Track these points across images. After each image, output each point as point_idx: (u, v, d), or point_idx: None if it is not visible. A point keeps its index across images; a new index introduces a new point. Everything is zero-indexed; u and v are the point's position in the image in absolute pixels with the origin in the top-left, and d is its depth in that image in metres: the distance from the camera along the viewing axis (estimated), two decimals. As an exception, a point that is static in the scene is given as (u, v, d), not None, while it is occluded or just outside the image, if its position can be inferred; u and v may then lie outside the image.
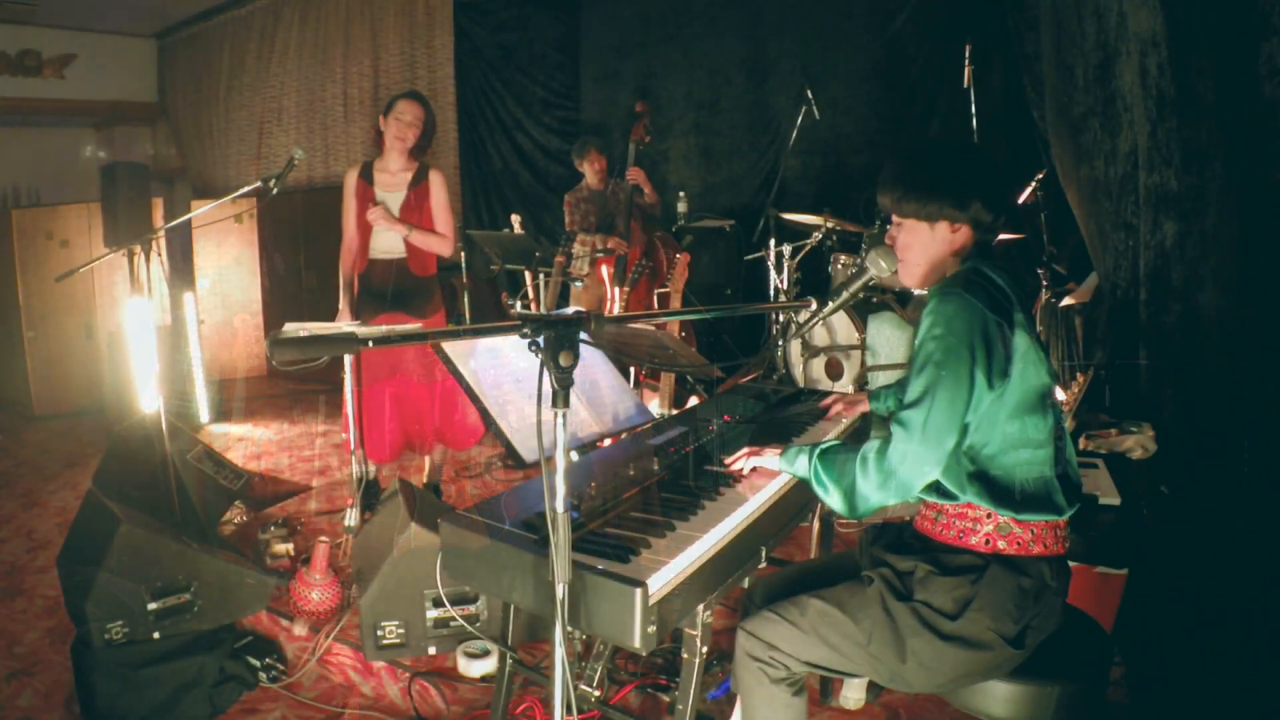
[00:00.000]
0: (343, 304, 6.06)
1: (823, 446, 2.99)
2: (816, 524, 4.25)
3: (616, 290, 8.04)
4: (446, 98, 11.81)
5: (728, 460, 3.28)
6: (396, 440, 6.16)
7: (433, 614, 4.41)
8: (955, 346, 2.61)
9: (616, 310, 7.94)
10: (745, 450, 3.27)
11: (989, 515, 2.73)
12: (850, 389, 7.51)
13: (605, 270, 8.23)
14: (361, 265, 6.11)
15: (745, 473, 3.22)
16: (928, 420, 2.62)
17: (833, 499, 2.87)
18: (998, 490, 2.73)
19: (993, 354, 2.62)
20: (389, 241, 6.00)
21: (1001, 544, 2.72)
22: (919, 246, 2.94)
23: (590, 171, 8.86)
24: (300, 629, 4.75)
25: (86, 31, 14.73)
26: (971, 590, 2.67)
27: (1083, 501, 2.85)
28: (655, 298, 8.11)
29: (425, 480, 6.43)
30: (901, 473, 2.67)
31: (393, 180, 6.00)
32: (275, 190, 5.69)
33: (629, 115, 9.71)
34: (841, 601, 2.79)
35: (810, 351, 7.84)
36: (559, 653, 2.27)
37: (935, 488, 2.81)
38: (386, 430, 6.06)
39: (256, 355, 12.45)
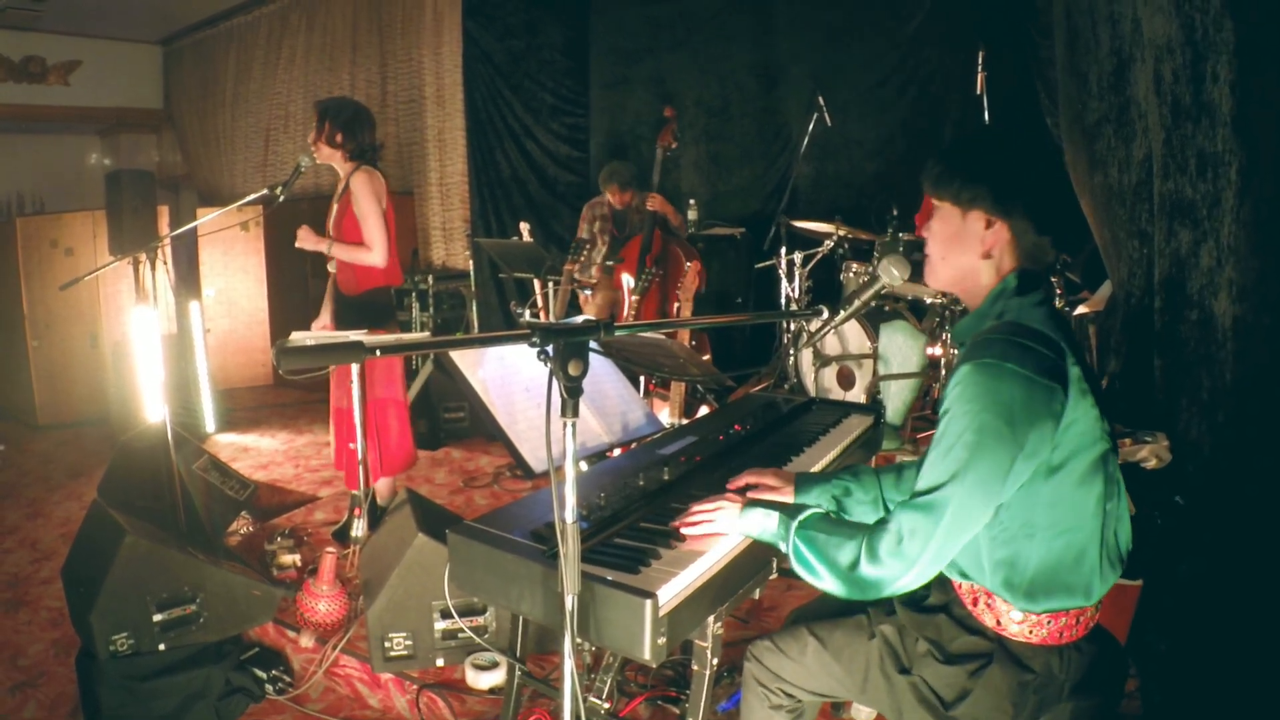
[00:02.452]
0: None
1: (803, 519, 2.60)
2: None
3: (630, 299, 8.06)
4: (455, 104, 11.82)
5: (677, 525, 2.82)
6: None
7: (441, 625, 4.43)
8: (993, 425, 2.28)
9: (630, 318, 7.95)
10: (699, 508, 2.85)
11: (1005, 600, 2.48)
12: (863, 398, 7.52)
13: (625, 278, 8.25)
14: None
15: (697, 536, 2.77)
16: (957, 507, 2.30)
17: (825, 583, 2.49)
18: (1022, 581, 2.44)
19: (1036, 428, 2.30)
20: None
21: (1014, 629, 2.49)
22: (946, 237, 2.62)
23: (613, 199, 8.89)
24: (307, 640, 4.77)
25: (91, 38, 14.81)
26: (970, 683, 2.51)
27: (1125, 567, 2.63)
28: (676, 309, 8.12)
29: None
30: (923, 563, 2.33)
31: (337, 192, 5.99)
32: (282, 198, 5.72)
33: (638, 121, 9.75)
34: (839, 650, 2.74)
35: (822, 360, 7.85)
36: (568, 664, 2.28)
37: (956, 568, 2.57)
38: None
39: (263, 364, 12.46)
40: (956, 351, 3.08)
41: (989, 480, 2.29)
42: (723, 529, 2.75)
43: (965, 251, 2.58)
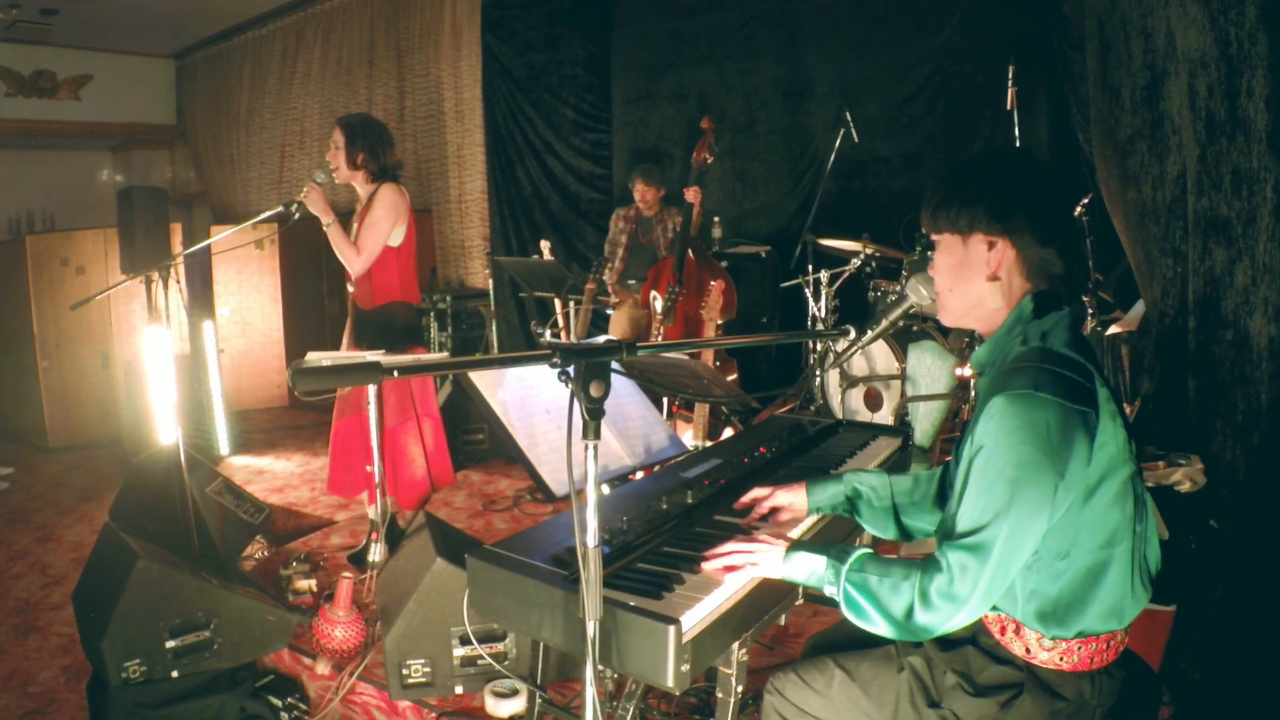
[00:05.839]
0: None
1: (852, 563, 2.54)
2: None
3: (656, 318, 8.07)
4: (474, 119, 11.89)
5: (707, 559, 2.71)
6: (349, 476, 6.13)
7: (460, 652, 4.44)
8: (1033, 457, 2.29)
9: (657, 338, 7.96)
10: (733, 547, 2.74)
11: (1036, 630, 2.49)
12: (891, 420, 7.53)
13: (655, 297, 8.26)
14: None
15: (728, 573, 2.68)
16: (1004, 544, 2.30)
17: (877, 628, 2.48)
18: (1056, 609, 2.45)
19: (1074, 455, 2.32)
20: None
21: (1043, 656, 2.49)
22: (950, 267, 2.65)
23: (637, 199, 8.96)
24: (323, 667, 4.79)
25: (103, 52, 14.90)
26: (1001, 715, 2.51)
27: (1154, 589, 2.63)
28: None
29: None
30: (974, 603, 2.33)
31: (358, 210, 5.97)
32: (298, 215, 5.73)
33: (662, 137, 9.75)
34: (866, 682, 2.71)
35: (849, 381, 7.86)
36: (590, 692, 2.29)
37: None
38: (346, 464, 6.11)
39: (278, 385, 12.49)
40: (976, 378, 3.07)
41: (1034, 513, 2.30)
42: (765, 571, 2.69)
43: (972, 278, 2.61)
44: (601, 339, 2.35)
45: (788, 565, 2.65)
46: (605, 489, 3.58)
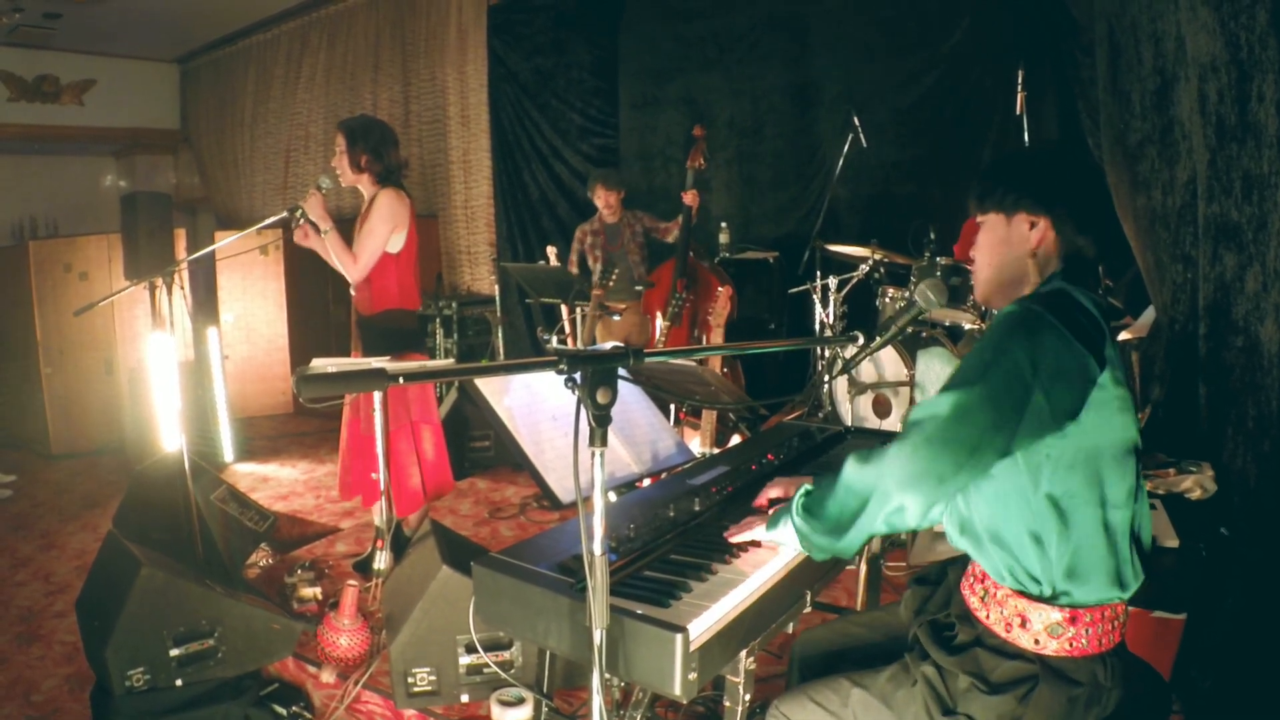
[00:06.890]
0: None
1: (804, 489, 2.77)
2: (864, 567, 4.15)
3: (660, 325, 8.07)
4: (480, 124, 11.90)
5: (729, 533, 2.99)
6: (346, 478, 6.15)
7: (465, 660, 4.44)
8: (1016, 358, 2.36)
9: (660, 344, 7.96)
10: (748, 521, 2.99)
11: (1038, 608, 2.50)
12: (899, 427, 7.51)
13: (656, 308, 8.26)
14: None
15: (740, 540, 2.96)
16: (963, 406, 2.36)
17: (821, 525, 2.64)
18: (1060, 557, 2.46)
19: (1063, 384, 2.37)
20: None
21: (1053, 645, 2.50)
22: (993, 243, 2.77)
23: (600, 205, 8.97)
24: (328, 676, 4.78)
25: (106, 56, 14.89)
26: (1019, 709, 2.49)
27: (1150, 571, 2.66)
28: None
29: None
30: (919, 460, 2.39)
31: (362, 213, 5.95)
32: (302, 220, 5.72)
33: (669, 142, 9.72)
34: (886, 695, 2.68)
35: (857, 388, 7.85)
36: (596, 700, 2.29)
37: (996, 564, 2.58)
38: (346, 466, 6.13)
39: (283, 392, 12.49)
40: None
41: (1000, 397, 2.36)
42: (759, 535, 2.89)
43: (1012, 252, 2.72)
44: (608, 345, 2.36)
45: (771, 531, 2.86)
46: (612, 496, 3.58)
